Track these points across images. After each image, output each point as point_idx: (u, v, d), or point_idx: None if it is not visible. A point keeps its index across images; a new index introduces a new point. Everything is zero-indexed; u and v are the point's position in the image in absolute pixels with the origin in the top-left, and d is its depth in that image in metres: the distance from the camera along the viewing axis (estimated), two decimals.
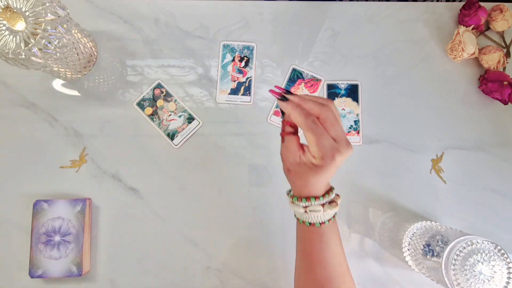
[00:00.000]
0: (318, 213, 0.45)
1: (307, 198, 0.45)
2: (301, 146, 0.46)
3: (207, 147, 0.70)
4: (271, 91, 0.46)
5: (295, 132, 0.47)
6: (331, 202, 0.46)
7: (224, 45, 0.73)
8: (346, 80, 0.72)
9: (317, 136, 0.42)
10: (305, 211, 0.46)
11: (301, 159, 0.45)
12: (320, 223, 0.46)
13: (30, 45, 0.53)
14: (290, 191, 0.49)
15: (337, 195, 0.48)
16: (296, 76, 0.72)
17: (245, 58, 0.72)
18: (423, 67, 0.72)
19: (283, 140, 0.47)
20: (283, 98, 0.45)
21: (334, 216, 0.47)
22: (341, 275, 0.47)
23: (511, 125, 0.70)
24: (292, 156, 0.46)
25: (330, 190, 0.46)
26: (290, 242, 0.67)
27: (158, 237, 0.67)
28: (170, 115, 0.70)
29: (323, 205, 0.45)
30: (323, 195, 0.45)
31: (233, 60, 0.72)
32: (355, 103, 0.71)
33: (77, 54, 0.64)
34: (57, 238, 0.63)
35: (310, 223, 0.46)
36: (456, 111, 0.71)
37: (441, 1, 0.78)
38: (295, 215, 0.49)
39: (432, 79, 0.72)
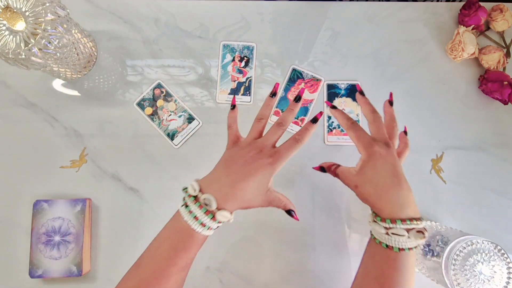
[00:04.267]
0: (401, 238, 0.43)
1: (392, 220, 0.44)
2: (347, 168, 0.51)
3: (207, 147, 0.70)
4: (327, 102, 0.55)
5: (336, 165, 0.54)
6: (418, 231, 0.43)
7: (224, 45, 0.73)
8: (346, 80, 0.72)
9: (356, 133, 0.49)
10: (386, 233, 0.44)
11: (354, 170, 0.49)
12: (398, 249, 0.44)
13: (30, 45, 0.53)
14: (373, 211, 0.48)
15: (425, 229, 0.45)
16: (296, 76, 0.72)
17: (245, 58, 0.72)
18: (423, 67, 0.72)
19: (337, 175, 0.52)
20: (333, 107, 0.53)
21: (416, 247, 0.44)
22: None
23: (511, 125, 0.70)
24: (349, 176, 0.50)
25: (418, 219, 0.44)
26: (290, 241, 0.67)
27: None
28: (170, 115, 0.70)
29: (408, 230, 0.43)
30: (411, 220, 0.43)
31: (233, 60, 0.72)
32: (355, 103, 0.71)
33: (77, 54, 0.64)
34: (57, 238, 0.63)
35: (387, 245, 0.45)
36: (456, 111, 0.71)
37: (441, 1, 0.78)
38: (372, 234, 0.48)
39: (432, 79, 0.72)
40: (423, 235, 0.43)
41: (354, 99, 0.71)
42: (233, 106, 0.54)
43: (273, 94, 0.52)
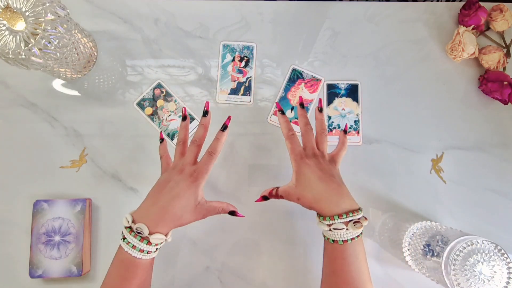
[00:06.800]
0: (341, 231, 0.49)
1: (331, 217, 0.49)
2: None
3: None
4: (277, 104, 0.61)
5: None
6: (356, 222, 0.49)
7: (224, 45, 0.73)
8: (346, 80, 0.72)
9: (292, 144, 0.55)
10: (329, 229, 0.50)
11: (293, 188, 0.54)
12: (342, 241, 0.49)
13: (30, 45, 0.53)
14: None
15: (365, 217, 0.51)
16: (296, 76, 0.72)
17: (245, 58, 0.72)
18: (423, 67, 0.72)
19: (281, 197, 0.56)
20: (282, 112, 0.59)
21: (358, 236, 0.50)
22: None
23: (511, 125, 0.70)
24: (290, 191, 0.55)
25: (356, 210, 0.50)
26: (290, 241, 0.67)
27: None
28: (170, 115, 0.70)
29: (346, 223, 0.49)
30: (347, 213, 0.49)
31: (233, 60, 0.72)
32: (355, 103, 0.71)
33: (77, 54, 0.64)
34: (57, 238, 0.63)
35: (333, 240, 0.50)
36: (456, 111, 0.71)
37: (441, 1, 0.78)
38: (323, 234, 0.53)
39: (432, 79, 0.72)
40: (360, 225, 0.49)
41: (354, 99, 0.71)
42: (162, 140, 0.62)
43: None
